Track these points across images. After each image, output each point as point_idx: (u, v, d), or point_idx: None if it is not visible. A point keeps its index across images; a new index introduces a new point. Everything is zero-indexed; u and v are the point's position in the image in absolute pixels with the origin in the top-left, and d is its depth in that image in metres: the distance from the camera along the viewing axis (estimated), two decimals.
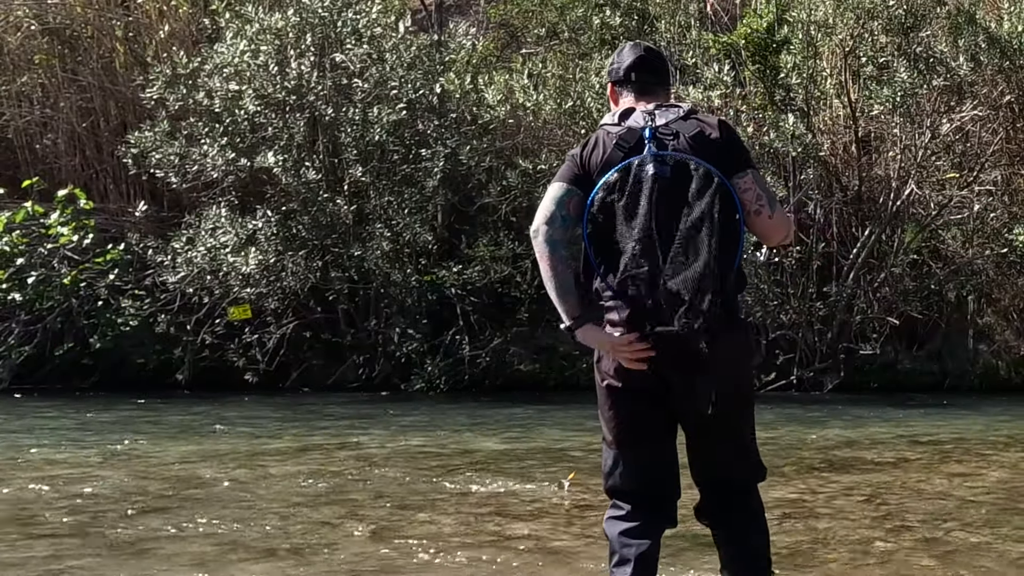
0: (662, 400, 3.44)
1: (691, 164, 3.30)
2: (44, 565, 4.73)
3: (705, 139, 3.38)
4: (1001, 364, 12.20)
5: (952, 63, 11.36)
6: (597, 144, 3.44)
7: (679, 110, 3.47)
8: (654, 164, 3.31)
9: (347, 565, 4.73)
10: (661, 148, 3.35)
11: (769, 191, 3.47)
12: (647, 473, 3.48)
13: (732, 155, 3.40)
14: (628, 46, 3.69)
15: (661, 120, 3.42)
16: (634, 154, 3.35)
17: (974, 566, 4.74)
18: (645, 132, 3.38)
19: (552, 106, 11.34)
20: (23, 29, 14.33)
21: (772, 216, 3.42)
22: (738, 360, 3.46)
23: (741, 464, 3.50)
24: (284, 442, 8.41)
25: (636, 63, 3.58)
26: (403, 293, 12.20)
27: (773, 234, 3.50)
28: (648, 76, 3.58)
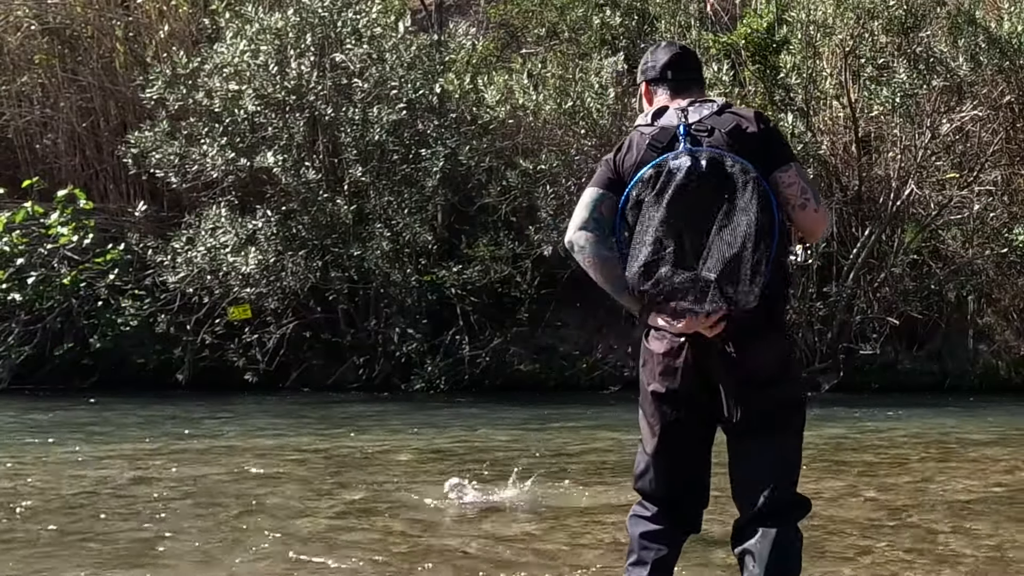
0: (704, 407, 3.36)
1: (727, 160, 3.22)
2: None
3: (742, 133, 3.29)
4: (1001, 364, 12.20)
5: (952, 63, 11.36)
6: (631, 147, 3.37)
7: (713, 105, 3.38)
8: (688, 160, 3.23)
9: None
10: (695, 145, 3.26)
11: (813, 184, 3.38)
12: (678, 482, 3.42)
13: (772, 149, 3.32)
14: (662, 45, 3.63)
15: (695, 116, 3.33)
16: (668, 152, 3.27)
17: (975, 566, 4.74)
18: (679, 129, 3.30)
19: (552, 106, 11.34)
20: (23, 29, 14.33)
21: (818, 210, 3.34)
22: (783, 368, 3.36)
23: (779, 482, 3.32)
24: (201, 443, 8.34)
25: (672, 61, 3.50)
26: (403, 293, 12.20)
27: (817, 228, 3.40)
28: (683, 74, 3.51)
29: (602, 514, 5.77)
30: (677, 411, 3.37)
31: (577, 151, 11.77)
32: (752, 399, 3.29)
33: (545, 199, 11.87)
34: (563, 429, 9.26)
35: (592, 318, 12.75)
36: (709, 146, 3.26)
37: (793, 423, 3.39)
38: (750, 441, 3.34)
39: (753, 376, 3.27)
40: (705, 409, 3.37)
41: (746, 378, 3.27)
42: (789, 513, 3.34)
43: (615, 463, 7.40)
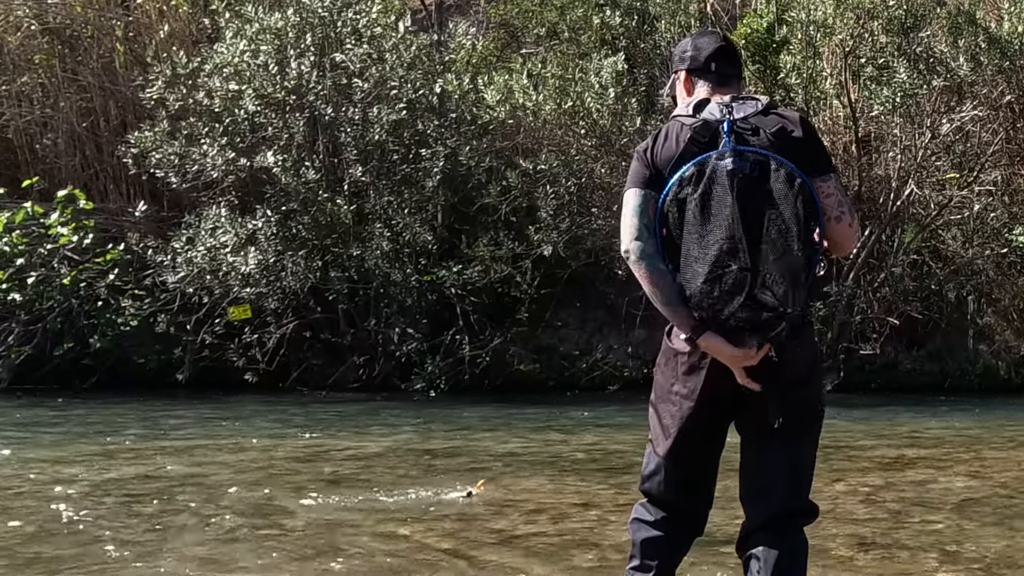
0: (724, 411, 3.30)
1: (772, 163, 3.14)
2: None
3: (787, 136, 3.20)
4: (1001, 364, 12.20)
5: (952, 63, 11.36)
6: (668, 137, 3.26)
7: (757, 104, 3.26)
8: (733, 160, 3.13)
9: None
10: (740, 143, 3.16)
11: (847, 198, 3.34)
12: (688, 488, 3.36)
13: (815, 156, 3.25)
14: (706, 33, 3.52)
15: (739, 114, 3.21)
16: (711, 148, 3.16)
17: (975, 567, 4.74)
18: (723, 126, 3.18)
19: (552, 106, 11.34)
20: (23, 29, 14.32)
21: (852, 224, 3.29)
22: (811, 369, 3.32)
23: (794, 489, 3.29)
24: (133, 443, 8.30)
25: (718, 52, 3.36)
26: (403, 293, 12.20)
27: (848, 243, 3.35)
28: (728, 67, 3.38)
29: (606, 513, 5.77)
30: (697, 413, 3.27)
31: (577, 151, 11.78)
32: (782, 401, 3.22)
33: (545, 199, 11.87)
34: (564, 429, 9.26)
35: (592, 318, 12.76)
36: (756, 147, 3.16)
37: (813, 431, 3.35)
38: (770, 448, 3.28)
39: (786, 376, 3.21)
40: (724, 413, 3.31)
41: (780, 379, 3.20)
42: (799, 520, 3.32)
43: (616, 463, 7.41)
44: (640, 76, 12.18)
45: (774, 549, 3.23)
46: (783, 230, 3.10)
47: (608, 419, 9.83)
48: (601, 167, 11.73)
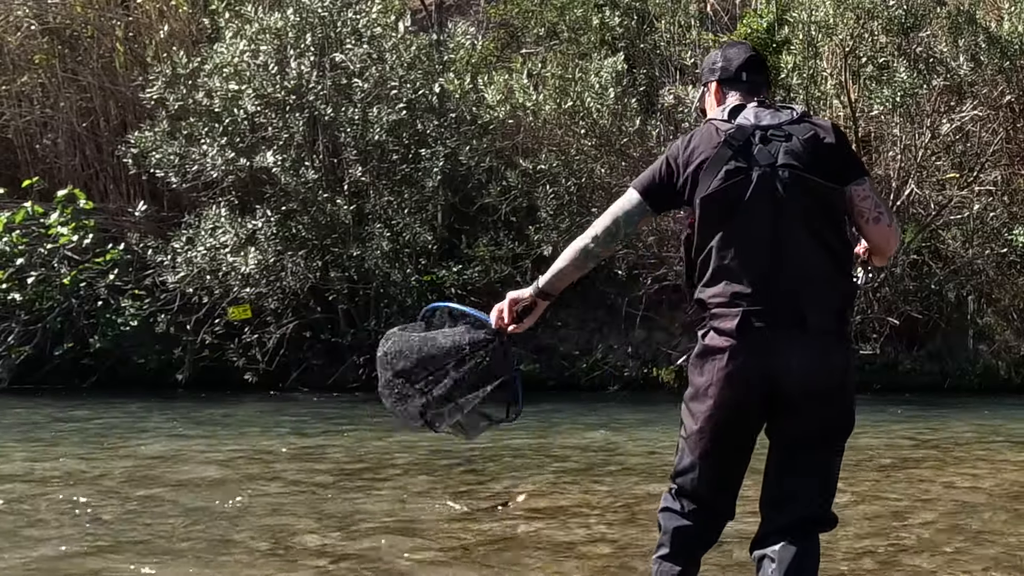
0: (758, 416, 3.31)
1: (803, 171, 3.20)
2: None
3: (819, 143, 3.24)
4: (1001, 364, 12.19)
5: (952, 63, 11.36)
6: (702, 140, 3.30)
7: (792, 112, 3.33)
8: (765, 168, 3.20)
9: None
10: (773, 150, 3.22)
11: (884, 200, 3.41)
12: (720, 485, 3.38)
13: (848, 162, 3.29)
14: (734, 45, 3.59)
15: (774, 120, 3.28)
16: (743, 153, 3.22)
17: (975, 567, 4.74)
18: (756, 133, 3.25)
19: (552, 106, 11.34)
20: (23, 29, 14.33)
21: (891, 225, 3.32)
22: (847, 380, 3.31)
23: (818, 499, 3.32)
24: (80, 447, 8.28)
25: (748, 63, 3.45)
26: (403, 293, 12.19)
27: (888, 244, 3.37)
28: (757, 75, 3.45)
29: (611, 512, 5.77)
30: (733, 421, 3.27)
31: (577, 151, 11.77)
32: (816, 409, 3.24)
33: (545, 199, 11.87)
34: (564, 429, 9.25)
35: (592, 318, 12.76)
36: (787, 152, 3.21)
37: (842, 441, 3.37)
38: (800, 457, 3.30)
39: (820, 385, 3.22)
40: (757, 415, 3.31)
41: (814, 387, 3.21)
42: (818, 528, 3.34)
43: (616, 462, 7.40)
44: (640, 76, 12.18)
45: (789, 549, 3.25)
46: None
47: (610, 419, 9.82)
48: (601, 167, 11.73)
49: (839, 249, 3.25)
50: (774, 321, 3.15)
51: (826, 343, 3.20)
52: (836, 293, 3.22)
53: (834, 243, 3.23)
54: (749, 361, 3.19)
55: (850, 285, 3.29)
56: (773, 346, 3.17)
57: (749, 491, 3.45)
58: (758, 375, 3.20)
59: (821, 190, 3.20)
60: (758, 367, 3.19)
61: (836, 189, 3.23)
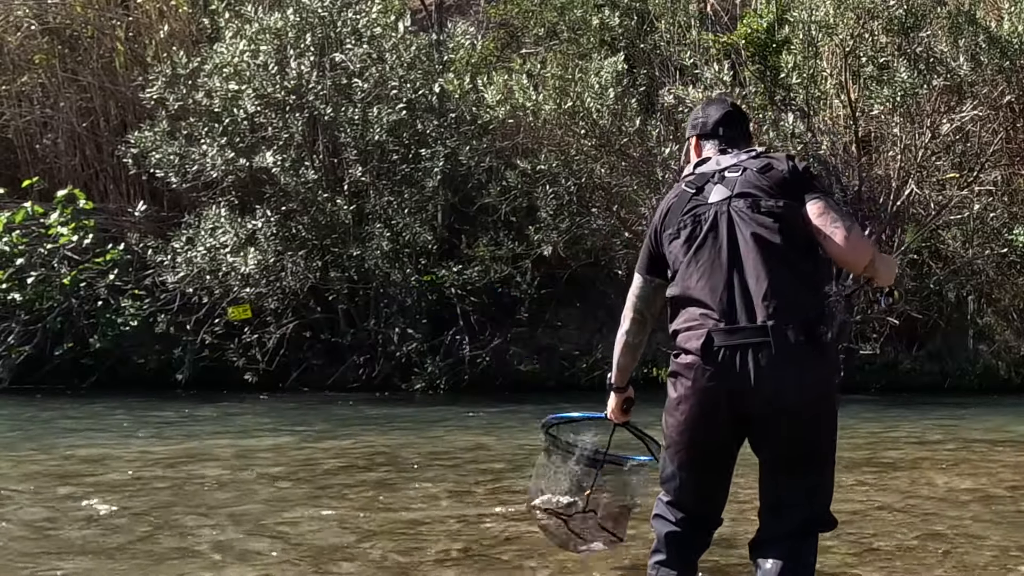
0: (732, 434, 3.37)
1: (757, 196, 3.33)
2: None
3: (772, 170, 3.41)
4: (1001, 364, 12.20)
5: (952, 63, 11.35)
6: (670, 197, 3.55)
7: (752, 152, 3.54)
8: (722, 198, 3.36)
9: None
10: (730, 184, 3.39)
11: (844, 214, 3.43)
12: (702, 494, 3.46)
13: (801, 184, 3.40)
14: (714, 101, 3.80)
15: (732, 161, 3.48)
16: (701, 192, 3.43)
17: (975, 567, 4.74)
18: (715, 175, 3.46)
19: (552, 106, 11.34)
20: (23, 29, 14.33)
21: (848, 238, 3.34)
22: (821, 393, 3.32)
23: (811, 510, 3.37)
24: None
25: (724, 118, 3.65)
26: (403, 293, 12.21)
27: (851, 257, 3.36)
28: (733, 130, 3.65)
29: None
30: (704, 431, 3.35)
31: (577, 151, 11.77)
32: (792, 424, 3.27)
33: (545, 199, 11.88)
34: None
35: (592, 318, 12.76)
36: (742, 183, 3.37)
37: (827, 448, 3.39)
38: (788, 466, 3.34)
39: (790, 401, 3.23)
40: (733, 430, 3.36)
41: (785, 403, 3.23)
42: (816, 529, 3.40)
43: None
44: (640, 76, 12.18)
45: (786, 553, 3.31)
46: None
47: None
48: (601, 167, 11.73)
49: (804, 268, 3.30)
50: (738, 341, 3.21)
51: (795, 359, 3.21)
52: (802, 309, 3.24)
53: (797, 262, 3.29)
54: (714, 380, 3.25)
55: (817, 300, 3.30)
56: (738, 365, 3.21)
57: (750, 492, 3.46)
58: (725, 394, 3.26)
59: (776, 210, 3.31)
60: (724, 386, 3.25)
61: (792, 206, 3.33)
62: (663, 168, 11.40)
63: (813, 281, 3.30)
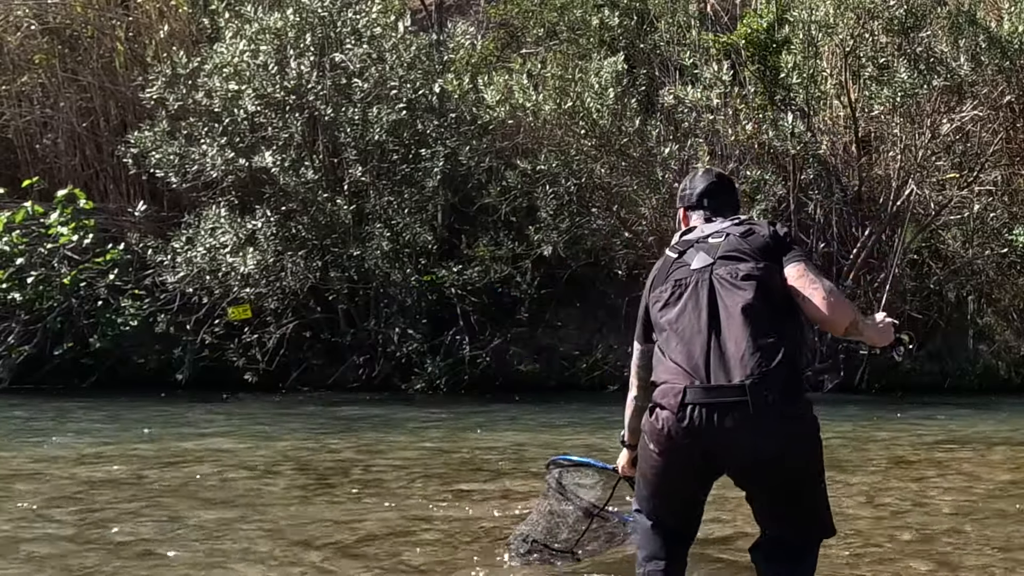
0: (707, 479, 3.46)
1: (737, 260, 3.40)
2: None
3: (754, 235, 3.50)
4: (1001, 364, 12.20)
5: (952, 63, 11.35)
6: (657, 265, 3.64)
7: (736, 219, 3.64)
8: (704, 263, 3.43)
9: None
10: (712, 249, 3.47)
11: (823, 276, 3.48)
12: (676, 518, 3.53)
13: (780, 247, 3.48)
14: (700, 172, 3.87)
15: (717, 228, 3.58)
16: (685, 257, 3.52)
17: (976, 566, 4.74)
18: (698, 241, 3.56)
19: (552, 106, 11.34)
20: (23, 29, 14.33)
21: (826, 299, 3.38)
22: (801, 444, 3.36)
23: (805, 528, 3.46)
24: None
25: (708, 189, 3.75)
26: (403, 293, 12.20)
27: (830, 318, 3.41)
28: (717, 201, 3.74)
29: None
30: (677, 482, 3.44)
31: (577, 151, 11.77)
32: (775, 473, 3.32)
33: (545, 199, 11.88)
34: (565, 429, 9.25)
35: (592, 318, 12.76)
36: (724, 248, 3.46)
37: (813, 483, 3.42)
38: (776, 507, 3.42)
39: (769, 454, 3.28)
40: (705, 478, 3.46)
41: (763, 457, 3.28)
42: (818, 540, 3.49)
43: None
44: (640, 76, 12.18)
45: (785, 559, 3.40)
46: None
47: (609, 419, 9.82)
48: (601, 167, 11.73)
49: (782, 328, 3.34)
50: (714, 400, 3.24)
51: (773, 417, 3.24)
52: (779, 369, 3.27)
53: (775, 323, 3.33)
54: (688, 438, 3.29)
55: (794, 359, 3.35)
56: (716, 424, 3.24)
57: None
58: (700, 452, 3.32)
59: (755, 273, 3.37)
60: (699, 444, 3.29)
61: (771, 268, 3.40)
62: (663, 168, 11.40)
63: (790, 341, 3.35)
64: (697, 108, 11.53)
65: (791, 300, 3.39)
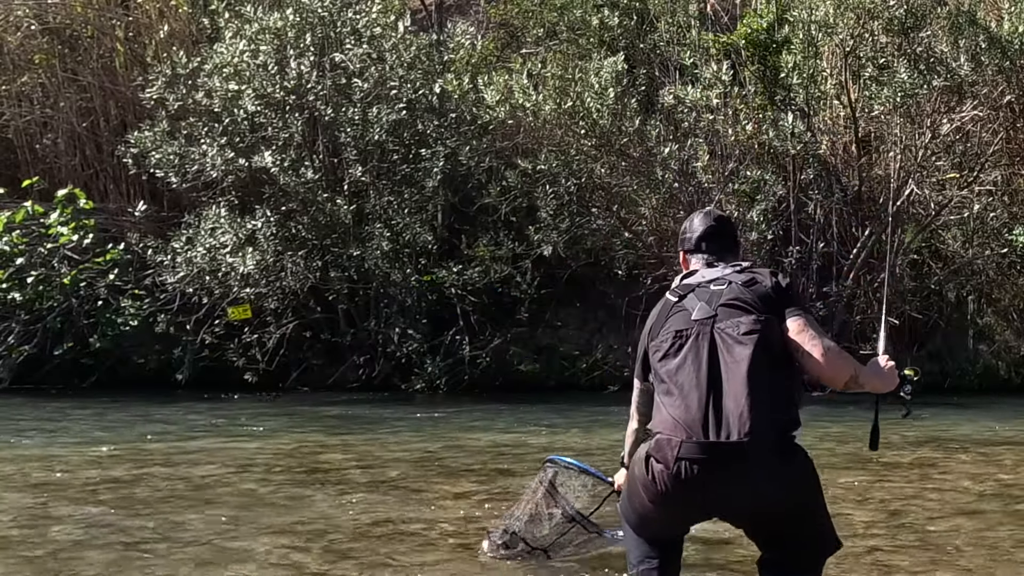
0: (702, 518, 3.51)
1: (738, 310, 3.38)
2: None
3: (756, 284, 3.47)
4: (1001, 364, 12.20)
5: (952, 63, 11.35)
6: (656, 307, 3.59)
7: (738, 265, 3.61)
8: (704, 312, 3.40)
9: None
10: (713, 297, 3.45)
11: (822, 332, 3.47)
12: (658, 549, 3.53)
13: (782, 300, 3.46)
14: (699, 216, 3.80)
15: (718, 274, 3.54)
16: (685, 303, 3.48)
17: (975, 566, 4.74)
18: (699, 287, 3.52)
19: (552, 106, 11.34)
20: (23, 29, 14.33)
21: (825, 356, 3.38)
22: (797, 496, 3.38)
23: (811, 551, 3.47)
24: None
25: (706, 233, 3.71)
26: (403, 293, 12.20)
27: (828, 374, 3.42)
28: (716, 244, 3.71)
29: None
30: (664, 526, 3.47)
31: (577, 151, 11.78)
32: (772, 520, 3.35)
33: (545, 199, 11.88)
34: (565, 429, 9.25)
35: (592, 318, 12.76)
36: (725, 297, 3.43)
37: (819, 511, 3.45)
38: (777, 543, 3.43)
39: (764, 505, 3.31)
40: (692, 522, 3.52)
41: (759, 508, 3.31)
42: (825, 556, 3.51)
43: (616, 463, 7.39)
44: (639, 76, 12.18)
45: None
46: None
47: (610, 419, 9.82)
48: (601, 167, 11.73)
49: (780, 382, 3.35)
50: (710, 456, 3.24)
51: (770, 471, 3.25)
52: (777, 424, 3.29)
53: (773, 377, 3.32)
54: (683, 492, 3.30)
55: (791, 412, 3.37)
56: (708, 480, 3.26)
57: None
58: (693, 505, 3.35)
59: (756, 327, 3.35)
60: (693, 499, 3.32)
61: (771, 321, 3.38)
62: (663, 168, 11.40)
63: (787, 394, 3.38)
64: (697, 108, 11.53)
65: (789, 352, 3.40)
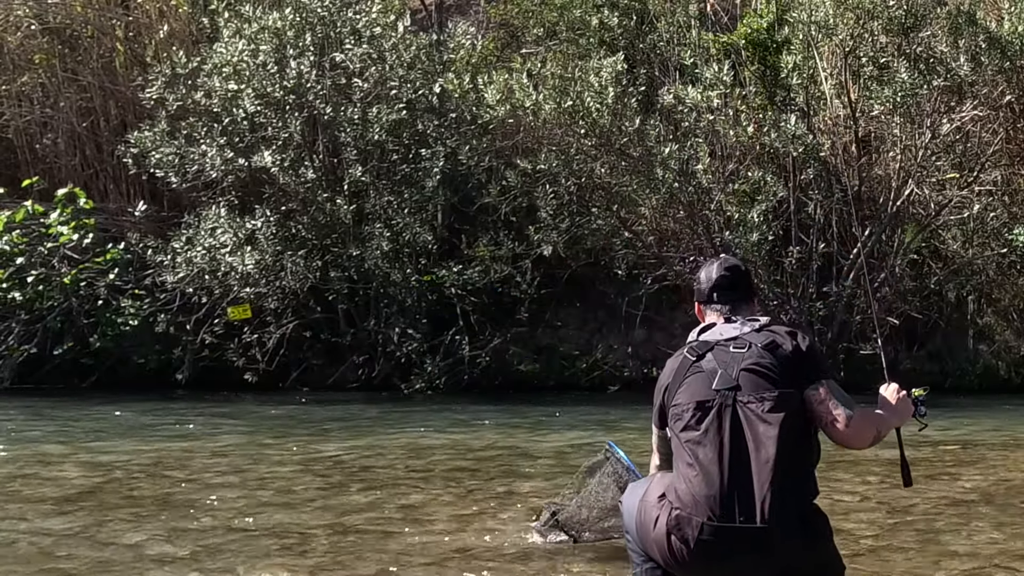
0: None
1: (760, 379, 3.35)
2: None
3: (777, 348, 3.43)
4: (1001, 364, 12.19)
5: (952, 63, 11.34)
6: (674, 361, 3.56)
7: (756, 323, 3.55)
8: (724, 380, 3.37)
9: None
10: (732, 360, 3.41)
11: (845, 398, 3.45)
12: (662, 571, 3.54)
13: (805, 366, 3.43)
14: (713, 265, 3.76)
15: (736, 333, 3.50)
16: (703, 363, 3.44)
17: (975, 566, 4.74)
18: (717, 345, 3.48)
19: (552, 106, 11.33)
20: (23, 29, 14.34)
21: (848, 426, 3.38)
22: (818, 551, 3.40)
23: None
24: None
25: (718, 283, 3.67)
26: (403, 293, 12.20)
27: (853, 442, 3.44)
28: (729, 295, 3.67)
29: None
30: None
31: (577, 151, 11.77)
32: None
33: (545, 199, 11.87)
34: (565, 429, 9.26)
35: (592, 318, 12.76)
36: (747, 360, 3.39)
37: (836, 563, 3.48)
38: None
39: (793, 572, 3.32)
40: None
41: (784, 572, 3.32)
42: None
43: None
44: (639, 76, 12.18)
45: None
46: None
47: (609, 419, 9.83)
48: (601, 167, 11.72)
49: (802, 456, 3.37)
50: (732, 539, 3.25)
51: (790, 551, 3.28)
52: (798, 501, 3.32)
53: (796, 452, 3.33)
54: (703, 568, 3.32)
55: (811, 483, 3.39)
56: (729, 561, 3.27)
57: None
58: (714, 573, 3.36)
59: (780, 402, 3.33)
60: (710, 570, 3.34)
61: (793, 395, 3.37)
62: (663, 168, 11.40)
63: (808, 467, 3.41)
64: (697, 108, 11.53)
65: (810, 421, 3.40)
